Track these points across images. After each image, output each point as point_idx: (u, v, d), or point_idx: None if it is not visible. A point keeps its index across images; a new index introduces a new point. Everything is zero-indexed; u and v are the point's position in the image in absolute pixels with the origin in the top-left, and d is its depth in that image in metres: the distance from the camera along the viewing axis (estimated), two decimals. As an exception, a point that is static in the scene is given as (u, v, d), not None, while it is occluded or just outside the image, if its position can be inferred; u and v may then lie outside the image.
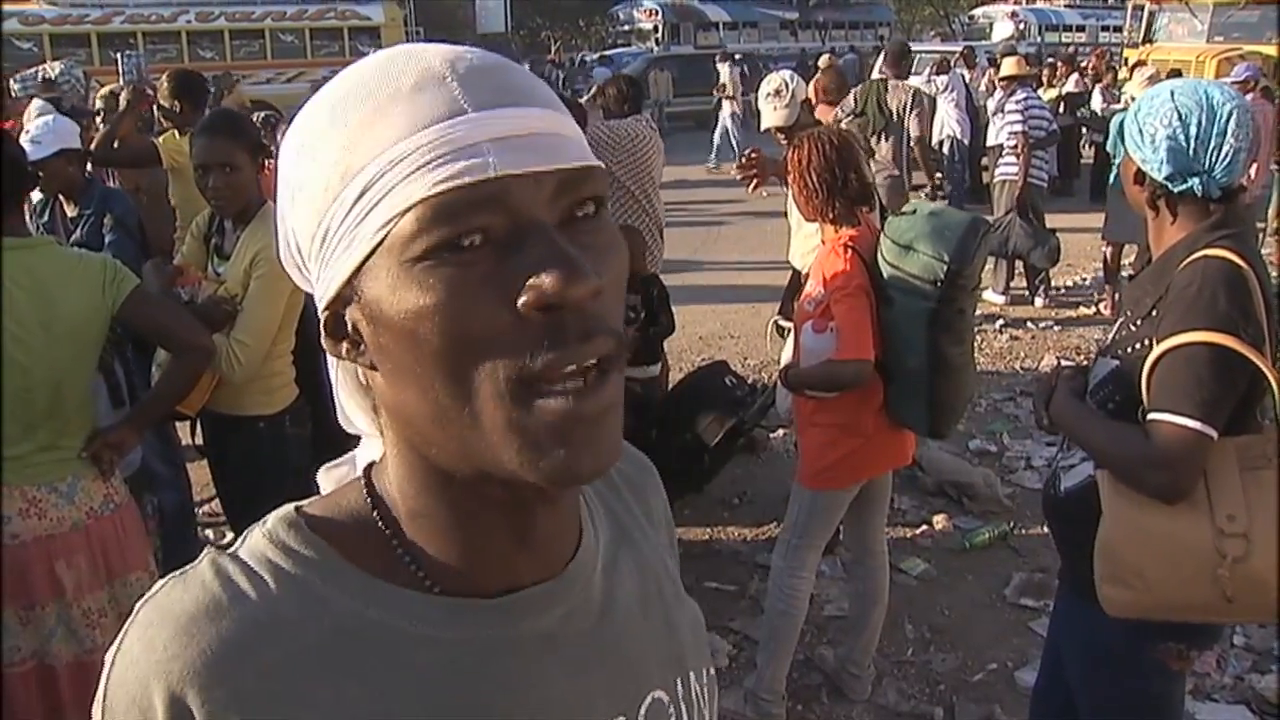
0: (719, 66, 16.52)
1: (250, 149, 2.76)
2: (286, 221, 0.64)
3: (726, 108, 15.34)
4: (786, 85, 4.05)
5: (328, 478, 0.74)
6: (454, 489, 0.63)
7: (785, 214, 4.27)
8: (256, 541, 0.65)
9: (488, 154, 0.56)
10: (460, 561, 0.65)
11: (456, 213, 0.55)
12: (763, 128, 4.27)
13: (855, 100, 6.83)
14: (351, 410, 0.71)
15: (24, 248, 2.27)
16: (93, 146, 4.57)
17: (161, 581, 0.64)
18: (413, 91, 0.58)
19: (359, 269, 0.58)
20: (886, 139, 6.66)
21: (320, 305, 0.63)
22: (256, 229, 2.74)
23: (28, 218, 2.95)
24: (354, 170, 0.57)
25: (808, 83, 4.78)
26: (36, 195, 3.78)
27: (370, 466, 0.69)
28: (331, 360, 0.68)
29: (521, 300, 0.55)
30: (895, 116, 6.63)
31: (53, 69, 6.39)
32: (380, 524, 0.66)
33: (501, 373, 0.56)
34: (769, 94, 4.10)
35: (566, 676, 0.67)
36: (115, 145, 4.77)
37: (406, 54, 0.60)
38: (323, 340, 0.64)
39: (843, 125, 6.85)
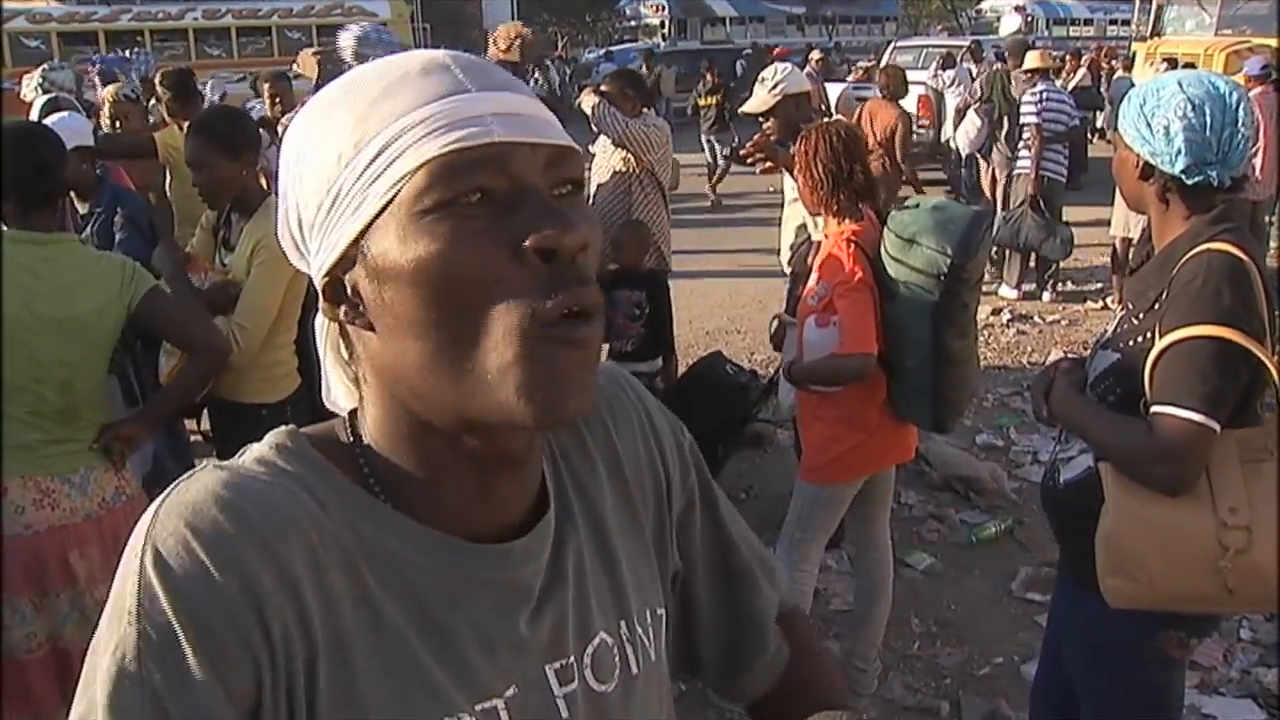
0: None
1: (225, 148, 2.82)
2: (290, 198, 0.68)
3: None
4: (773, 74, 4.02)
5: None
6: (428, 444, 0.69)
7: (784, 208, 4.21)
8: (263, 450, 0.68)
9: (490, 123, 0.63)
10: (423, 510, 0.70)
11: (464, 171, 0.62)
12: (740, 110, 4.26)
13: (981, 89, 8.04)
14: (334, 382, 0.75)
15: (49, 243, 2.36)
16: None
17: (166, 492, 0.64)
18: (420, 74, 0.66)
19: (367, 228, 0.64)
20: (1014, 124, 7.60)
21: (320, 274, 0.68)
22: (259, 220, 2.84)
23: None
24: (367, 138, 0.64)
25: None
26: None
27: (353, 412, 0.73)
28: (321, 336, 0.73)
29: (525, 243, 0.62)
30: (1018, 105, 7.48)
31: (34, 75, 6.24)
32: (361, 460, 0.70)
33: (512, 314, 0.62)
34: (759, 80, 4.08)
35: (528, 624, 0.72)
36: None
37: (410, 52, 0.69)
38: (321, 307, 0.69)
39: (972, 110, 8.29)
